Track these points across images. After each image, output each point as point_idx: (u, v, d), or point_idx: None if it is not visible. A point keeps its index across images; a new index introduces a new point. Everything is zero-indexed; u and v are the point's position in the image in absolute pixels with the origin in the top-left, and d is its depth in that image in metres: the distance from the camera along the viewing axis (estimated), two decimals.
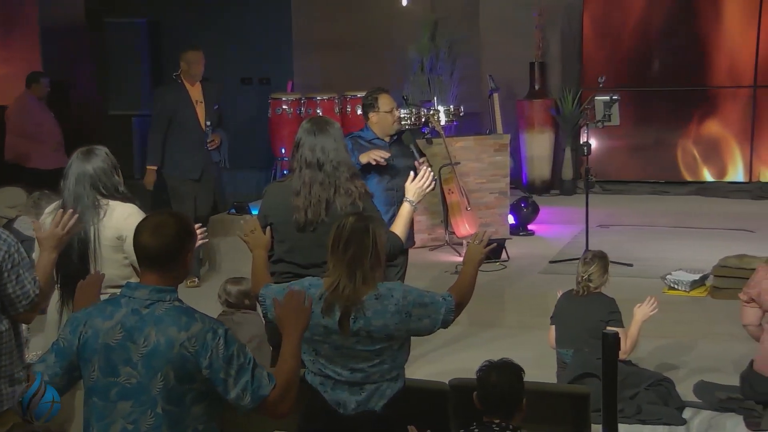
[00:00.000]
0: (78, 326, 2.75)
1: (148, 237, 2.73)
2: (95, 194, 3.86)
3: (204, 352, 2.65)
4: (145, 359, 2.65)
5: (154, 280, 2.74)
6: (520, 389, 3.30)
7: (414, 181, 4.07)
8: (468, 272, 3.50)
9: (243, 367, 2.68)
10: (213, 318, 2.79)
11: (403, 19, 10.10)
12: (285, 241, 3.99)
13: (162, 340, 2.65)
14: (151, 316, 2.69)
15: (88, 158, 3.91)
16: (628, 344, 4.90)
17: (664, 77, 9.64)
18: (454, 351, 6.05)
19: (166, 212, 2.97)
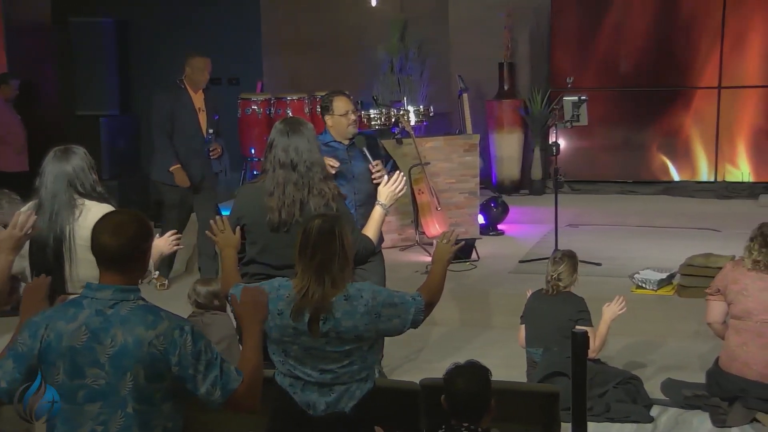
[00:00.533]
0: (38, 330, 2.71)
1: (108, 237, 2.71)
2: (72, 193, 3.82)
3: (173, 349, 2.65)
4: (112, 360, 2.64)
5: (116, 280, 2.72)
6: (488, 393, 3.30)
7: (386, 185, 4.08)
8: (437, 271, 3.51)
9: (211, 362, 2.69)
10: (179, 315, 2.79)
11: (372, 20, 10.10)
12: (257, 243, 3.98)
13: (130, 339, 2.64)
14: (117, 317, 2.67)
15: (67, 157, 3.87)
16: (597, 343, 4.94)
17: (632, 78, 9.73)
18: (421, 350, 6.06)
19: (124, 212, 2.96)
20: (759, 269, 4.77)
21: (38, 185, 3.86)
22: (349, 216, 4.02)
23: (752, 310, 4.76)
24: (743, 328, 4.80)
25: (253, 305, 2.91)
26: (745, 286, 4.78)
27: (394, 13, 10.06)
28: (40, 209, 3.78)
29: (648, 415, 4.90)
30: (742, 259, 4.89)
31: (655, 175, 9.74)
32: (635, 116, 9.73)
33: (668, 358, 5.76)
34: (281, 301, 3.20)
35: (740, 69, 9.36)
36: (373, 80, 9.80)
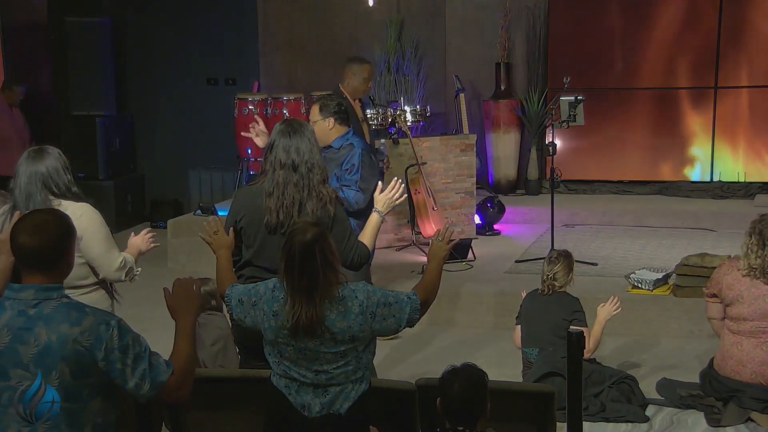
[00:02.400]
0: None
1: (27, 238, 2.69)
2: (47, 194, 3.80)
3: (98, 344, 2.64)
4: (36, 359, 2.62)
5: (38, 279, 2.71)
6: (484, 397, 3.27)
7: (383, 192, 4.07)
8: (432, 270, 3.51)
9: (139, 355, 2.70)
10: (104, 311, 2.80)
11: (368, 20, 10.10)
12: (253, 245, 3.96)
13: (54, 337, 2.63)
14: (40, 315, 2.66)
15: (41, 157, 3.84)
16: (592, 343, 4.94)
17: (629, 78, 9.73)
18: (421, 350, 6.07)
19: (43, 211, 2.95)
20: (754, 276, 4.74)
21: (12, 186, 3.84)
22: (344, 222, 4.00)
23: (747, 316, 4.76)
24: (738, 329, 4.80)
25: (185, 297, 2.91)
26: (740, 292, 4.76)
27: (391, 14, 10.06)
28: (15, 210, 3.75)
29: (643, 414, 4.91)
30: (737, 259, 4.88)
31: (650, 175, 9.74)
32: (631, 116, 9.73)
33: (663, 358, 5.77)
34: (276, 303, 3.20)
35: (736, 69, 9.37)
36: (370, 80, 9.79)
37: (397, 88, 9.79)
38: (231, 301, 3.38)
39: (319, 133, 4.71)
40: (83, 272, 3.85)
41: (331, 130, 5.00)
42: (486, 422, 3.28)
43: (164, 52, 10.45)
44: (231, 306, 3.39)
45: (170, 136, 10.56)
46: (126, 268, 3.92)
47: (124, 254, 3.97)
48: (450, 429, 3.25)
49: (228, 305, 3.43)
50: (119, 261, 3.90)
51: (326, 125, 4.98)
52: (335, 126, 5.01)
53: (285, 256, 3.16)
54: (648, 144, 9.72)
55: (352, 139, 5.08)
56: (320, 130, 4.87)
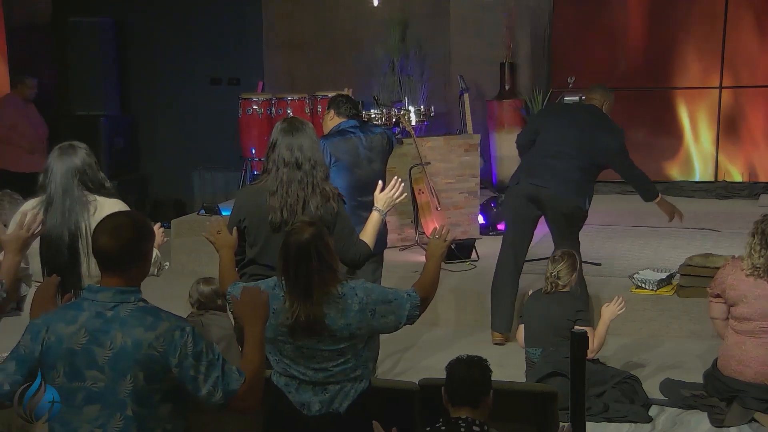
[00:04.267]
0: (39, 332, 2.70)
1: (107, 239, 2.70)
2: (82, 188, 3.79)
3: (173, 350, 2.64)
4: (111, 362, 2.63)
5: (116, 281, 2.72)
6: (488, 379, 3.29)
7: (384, 191, 4.08)
8: (431, 267, 3.52)
9: (212, 363, 2.68)
10: (179, 316, 2.78)
11: (372, 19, 10.10)
12: (257, 244, 3.97)
13: (129, 341, 2.63)
14: (116, 318, 2.66)
15: (73, 152, 3.84)
16: (596, 343, 4.94)
17: (633, 77, 9.71)
18: (420, 350, 6.06)
19: (124, 213, 2.97)
20: (758, 275, 4.73)
21: (45, 182, 3.81)
22: (347, 219, 4.01)
23: (750, 316, 4.75)
24: (741, 329, 4.80)
25: (252, 304, 2.90)
26: (743, 292, 4.76)
27: (395, 13, 10.06)
28: (50, 206, 3.74)
29: (646, 414, 4.90)
30: (741, 259, 4.87)
31: (654, 175, 9.70)
32: (635, 116, 9.71)
33: (667, 358, 5.76)
34: (276, 301, 3.20)
35: (741, 69, 9.35)
36: (374, 80, 9.79)
37: (401, 88, 9.79)
38: (233, 300, 3.39)
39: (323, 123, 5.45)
40: None
41: (330, 120, 5.41)
42: (488, 411, 3.27)
43: (168, 52, 10.45)
44: (233, 304, 3.39)
45: (173, 136, 10.57)
46: (156, 262, 3.92)
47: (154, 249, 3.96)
48: (453, 419, 3.22)
49: (230, 303, 3.43)
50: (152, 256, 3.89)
51: (328, 116, 5.41)
52: (334, 117, 5.38)
53: (282, 257, 3.17)
54: (651, 144, 9.70)
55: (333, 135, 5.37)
56: (324, 120, 5.48)
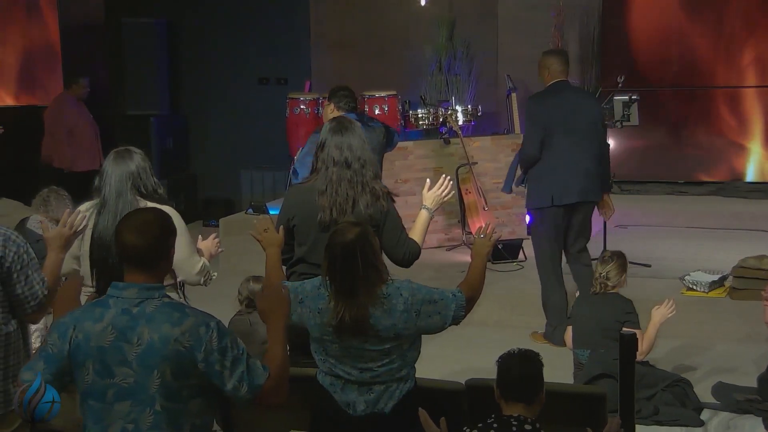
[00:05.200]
0: (67, 331, 2.73)
1: (131, 236, 2.72)
2: (135, 193, 3.82)
3: (198, 345, 2.65)
4: (140, 358, 2.65)
5: (140, 278, 2.74)
6: (540, 374, 3.24)
7: (432, 189, 4.06)
8: (477, 266, 3.50)
9: (237, 358, 2.70)
10: (204, 312, 2.80)
11: (420, 19, 10.08)
12: (306, 243, 3.98)
13: (156, 337, 2.65)
14: (143, 315, 2.68)
15: (129, 157, 3.87)
16: (645, 345, 4.87)
17: (684, 76, 9.58)
18: (467, 351, 6.04)
19: (146, 210, 2.99)
20: None
21: (100, 185, 3.84)
22: (397, 219, 4.00)
23: None
24: None
25: (275, 301, 2.91)
26: None
27: (443, 13, 10.03)
28: (103, 209, 3.77)
29: (698, 418, 4.82)
30: None
31: (706, 175, 9.58)
32: (687, 116, 9.58)
33: (719, 362, 5.66)
34: (321, 301, 3.20)
35: None
36: (421, 80, 9.78)
37: (448, 87, 9.76)
38: (256, 296, 3.40)
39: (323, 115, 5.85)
40: None
41: (331, 113, 5.61)
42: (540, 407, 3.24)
43: (217, 52, 10.54)
44: (255, 300, 3.40)
45: (223, 136, 10.65)
46: (204, 272, 3.95)
47: (203, 258, 3.99)
48: (506, 417, 3.18)
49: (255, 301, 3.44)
50: (200, 265, 3.92)
51: (328, 109, 5.72)
52: (334, 111, 5.62)
53: (327, 257, 3.17)
54: (704, 144, 9.55)
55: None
56: (324, 112, 5.89)
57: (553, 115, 5.88)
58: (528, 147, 5.87)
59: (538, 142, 5.83)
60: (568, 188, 5.84)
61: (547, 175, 5.85)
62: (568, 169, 5.84)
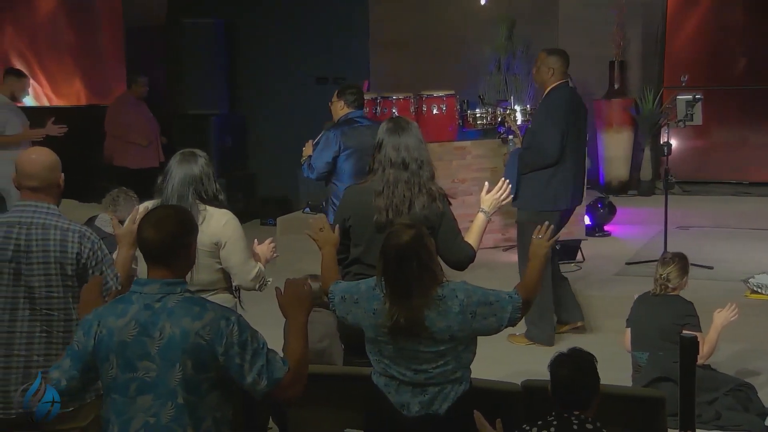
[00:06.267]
0: (91, 327, 2.77)
1: (150, 232, 2.76)
2: (195, 197, 3.84)
3: (219, 339, 2.68)
4: (162, 352, 2.69)
5: (162, 274, 2.77)
6: (595, 378, 3.20)
7: (491, 192, 4.03)
8: (534, 268, 3.46)
9: (257, 351, 2.72)
10: (224, 306, 2.84)
11: (478, 18, 10.05)
12: (361, 243, 3.98)
13: (177, 331, 2.68)
14: (164, 309, 2.72)
15: (194, 161, 3.90)
16: (706, 349, 4.78)
17: (749, 75, 9.39)
18: (522, 352, 5.98)
19: (166, 207, 3.05)
20: None
21: (163, 185, 3.89)
22: (453, 221, 3.98)
23: None
24: None
25: (295, 297, 2.90)
26: None
27: (502, 12, 9.98)
28: None
29: (762, 424, 4.71)
30: None
31: None
32: (752, 115, 9.40)
33: None
34: (376, 301, 3.20)
35: None
36: (479, 79, 9.74)
37: (506, 87, 9.71)
38: (334, 298, 3.40)
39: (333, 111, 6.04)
40: (216, 278, 3.89)
41: (341, 110, 5.96)
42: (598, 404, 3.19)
43: (275, 51, 10.62)
44: (334, 303, 3.41)
45: (280, 135, 10.72)
46: (260, 277, 3.97)
47: (259, 264, 4.00)
48: (566, 416, 3.15)
49: (331, 302, 3.45)
50: (255, 271, 3.94)
51: (338, 106, 5.99)
52: (344, 107, 5.95)
53: (382, 259, 3.17)
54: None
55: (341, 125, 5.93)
56: (333, 109, 6.05)
57: (569, 119, 5.89)
58: (553, 151, 5.78)
59: (561, 146, 5.80)
60: (575, 192, 5.98)
61: (559, 179, 5.86)
62: (575, 172, 5.95)
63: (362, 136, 5.72)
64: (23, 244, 3.32)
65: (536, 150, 5.86)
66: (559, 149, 5.78)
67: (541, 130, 5.89)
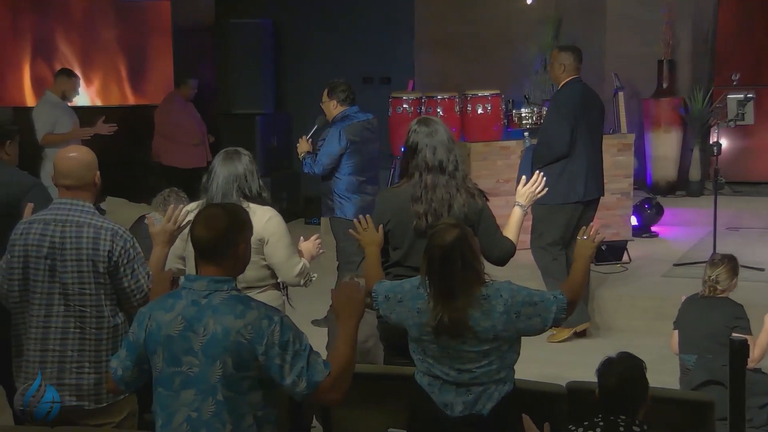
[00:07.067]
0: (144, 320, 2.82)
1: (201, 229, 2.79)
2: (240, 195, 3.87)
3: (259, 338, 2.69)
4: (204, 348, 2.71)
5: (211, 271, 2.79)
6: (643, 385, 3.16)
7: (526, 186, 4.00)
8: (579, 268, 3.44)
9: (299, 353, 2.71)
10: (270, 306, 2.84)
11: (524, 17, 9.99)
12: (401, 247, 3.95)
13: (219, 328, 2.70)
14: (209, 306, 2.74)
15: (238, 159, 3.92)
16: (757, 353, 4.69)
17: None
18: (566, 353, 5.94)
19: (217, 205, 3.05)
20: None
21: (207, 184, 3.91)
22: (491, 217, 3.95)
23: None
24: None
25: (347, 300, 2.90)
26: None
27: (548, 11, 9.91)
28: None
29: None
30: None
31: None
32: None
33: None
34: (420, 301, 3.19)
35: None
36: (525, 79, 9.68)
37: (552, 86, 9.63)
38: (378, 298, 3.40)
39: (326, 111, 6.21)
40: (263, 274, 3.92)
41: (334, 109, 6.14)
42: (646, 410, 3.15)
43: (321, 51, 10.65)
44: (378, 302, 3.41)
45: None
46: (304, 274, 3.98)
47: (303, 260, 4.01)
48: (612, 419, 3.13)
49: (375, 301, 3.44)
50: (300, 267, 3.95)
51: (331, 105, 6.16)
52: (337, 106, 6.14)
53: (426, 259, 3.16)
54: None
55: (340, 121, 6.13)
56: (326, 108, 6.21)
57: (578, 113, 5.98)
58: (560, 145, 5.93)
59: (570, 140, 5.92)
60: (588, 185, 6.03)
61: (570, 172, 5.96)
62: (588, 166, 6.00)
63: (361, 131, 6.14)
64: (58, 241, 3.37)
65: (545, 144, 6.03)
66: (567, 143, 5.91)
67: (550, 125, 6.08)
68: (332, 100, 6.17)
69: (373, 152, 6.28)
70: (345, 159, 6.13)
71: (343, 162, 6.14)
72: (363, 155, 6.19)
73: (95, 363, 3.38)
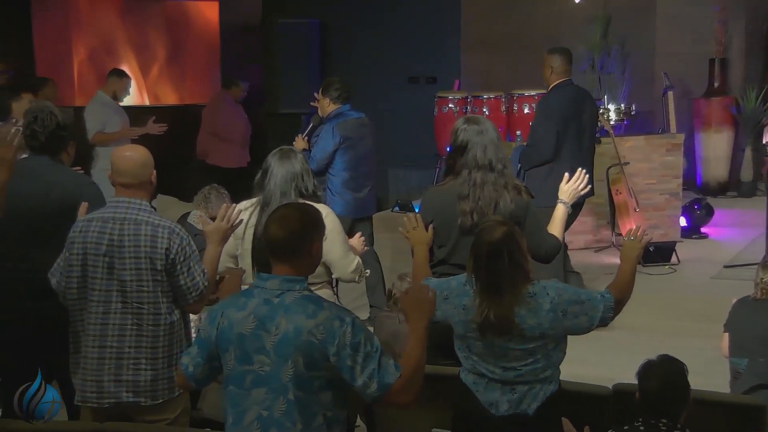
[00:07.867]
0: (215, 318, 2.82)
1: (274, 229, 2.79)
2: (296, 193, 3.89)
3: (331, 339, 2.68)
4: (276, 347, 2.71)
5: (284, 270, 2.79)
6: (685, 388, 3.13)
7: (569, 183, 3.98)
8: (626, 269, 3.41)
9: (370, 355, 2.70)
10: (341, 306, 2.85)
11: (572, 16, 9.91)
12: (446, 245, 3.95)
13: (291, 327, 2.70)
14: (281, 305, 2.74)
15: (294, 157, 3.94)
16: None
17: None
18: (613, 354, 5.87)
19: (290, 205, 3.05)
20: None
21: (264, 182, 3.92)
22: (537, 214, 3.94)
23: None
24: None
25: (418, 301, 2.87)
26: None
27: (596, 10, 9.82)
28: (266, 206, 3.84)
29: None
30: None
31: None
32: None
33: None
34: (466, 298, 3.18)
35: None
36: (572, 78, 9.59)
37: (600, 86, 9.55)
38: (400, 295, 3.39)
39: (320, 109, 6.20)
40: (318, 271, 3.88)
41: (327, 107, 6.13)
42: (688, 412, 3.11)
43: (367, 51, 10.67)
44: (399, 298, 3.39)
45: None
46: (359, 269, 4.00)
47: (357, 257, 4.03)
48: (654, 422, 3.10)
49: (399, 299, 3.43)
50: (355, 263, 3.97)
51: (324, 103, 6.16)
52: (330, 104, 6.13)
53: (473, 256, 3.15)
54: None
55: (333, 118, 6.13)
56: (320, 106, 6.21)
57: (566, 116, 5.90)
58: (546, 148, 5.85)
59: (555, 144, 5.83)
60: None
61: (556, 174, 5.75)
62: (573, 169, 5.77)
63: (355, 128, 6.17)
64: (116, 239, 3.40)
65: (532, 147, 5.99)
66: (552, 147, 5.84)
67: (537, 127, 6.01)
68: (325, 98, 6.18)
69: (367, 149, 6.28)
70: (339, 155, 6.13)
71: (337, 158, 6.14)
72: (357, 151, 6.19)
73: (152, 360, 3.41)
